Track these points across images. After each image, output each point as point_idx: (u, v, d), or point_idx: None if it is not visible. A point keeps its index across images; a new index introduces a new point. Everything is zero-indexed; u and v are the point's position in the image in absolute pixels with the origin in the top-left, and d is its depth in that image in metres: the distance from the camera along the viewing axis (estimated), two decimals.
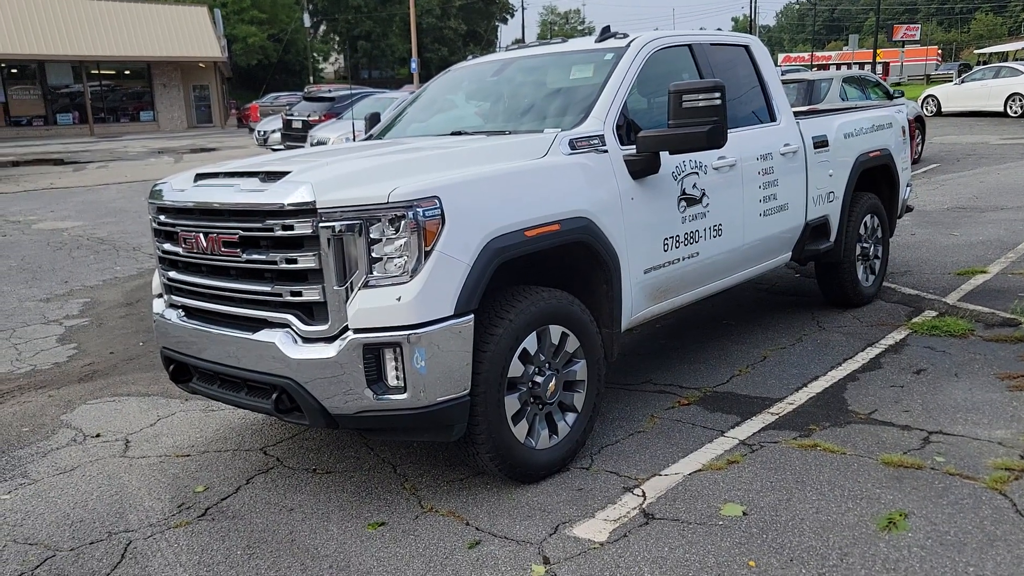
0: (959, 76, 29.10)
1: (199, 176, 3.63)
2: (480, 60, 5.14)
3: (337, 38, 75.29)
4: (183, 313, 3.68)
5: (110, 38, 36.67)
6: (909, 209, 6.91)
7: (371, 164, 3.40)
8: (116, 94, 40.28)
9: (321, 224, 3.04)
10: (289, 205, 3.08)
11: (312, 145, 16.08)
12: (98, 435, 4.39)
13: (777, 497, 3.34)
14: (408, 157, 3.55)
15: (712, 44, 4.85)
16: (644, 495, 3.42)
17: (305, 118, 19.62)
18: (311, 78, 60.29)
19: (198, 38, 38.98)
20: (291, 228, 3.10)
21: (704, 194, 4.36)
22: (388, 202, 3.01)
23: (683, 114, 3.79)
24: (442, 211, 3.08)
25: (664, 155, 4.02)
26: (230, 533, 3.29)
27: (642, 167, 3.93)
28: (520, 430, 3.47)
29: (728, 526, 3.14)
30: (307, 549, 3.14)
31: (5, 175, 19.28)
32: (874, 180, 6.27)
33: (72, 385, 5.24)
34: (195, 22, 39.80)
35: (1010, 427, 3.90)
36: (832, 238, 5.67)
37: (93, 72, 38.24)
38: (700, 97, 3.78)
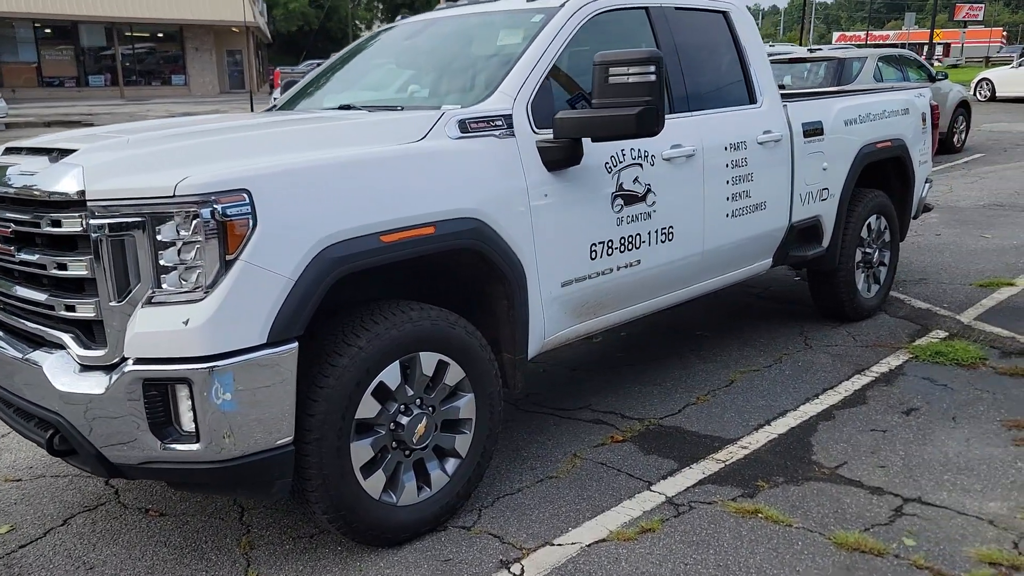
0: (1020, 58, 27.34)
1: (7, 150, 2.96)
2: (406, 21, 4.38)
3: (381, 6, 74.53)
4: None
5: (144, 0, 36.35)
6: (927, 208, 6.02)
7: (181, 144, 2.69)
8: (153, 56, 40.10)
9: (91, 220, 2.35)
10: (54, 194, 2.40)
11: None
12: None
13: None
14: (238, 136, 2.83)
15: (679, 8, 4.03)
16: (522, 574, 2.71)
17: None
18: None
19: (232, 2, 38.45)
20: (59, 224, 2.42)
21: (649, 190, 3.58)
22: (175, 195, 2.31)
23: (609, 92, 3.02)
24: (253, 208, 2.37)
25: (598, 143, 3.25)
26: None
27: (559, 156, 3.17)
28: (374, 483, 2.77)
29: None
30: None
31: (8, 136, 18.97)
32: (883, 174, 5.40)
33: None
34: None
35: (1008, 498, 3.10)
36: (825, 242, 4.84)
37: (126, 34, 38.03)
38: (631, 71, 2.99)
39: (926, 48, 38.49)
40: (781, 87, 11.17)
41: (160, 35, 39.57)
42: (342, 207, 2.56)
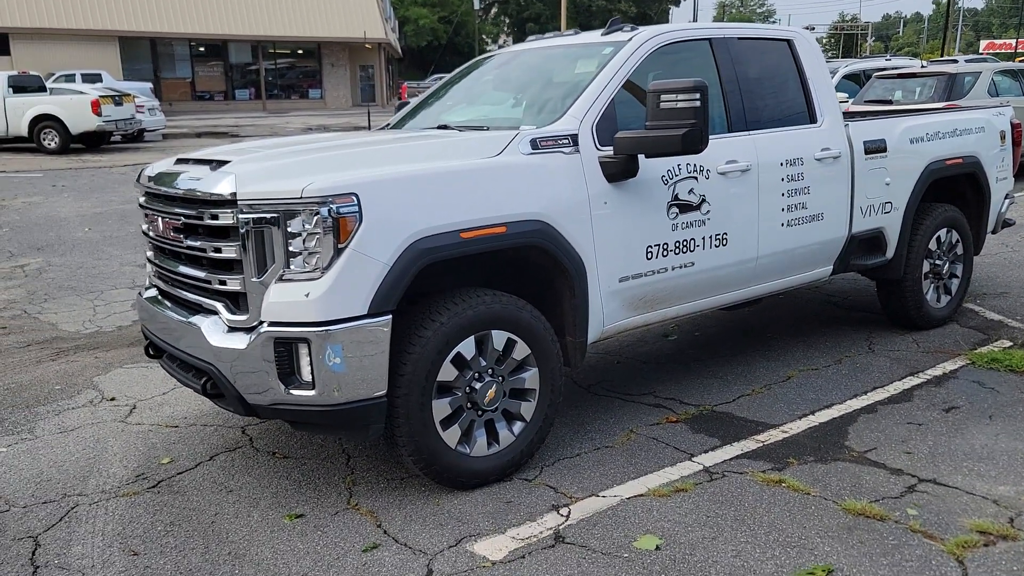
0: None
1: (178, 161, 3.78)
2: (501, 51, 5.03)
3: (507, 20, 76.29)
4: (157, 293, 3.86)
5: (285, 19, 38.99)
6: (1008, 223, 6.15)
7: (309, 157, 3.42)
8: (293, 72, 42.89)
9: (240, 215, 3.09)
10: (213, 195, 3.15)
11: None
12: (113, 399, 4.70)
13: (703, 534, 3.09)
14: (352, 151, 3.53)
15: (741, 39, 4.49)
16: (568, 515, 3.27)
17: None
18: None
19: (365, 20, 40.65)
20: (216, 218, 3.17)
21: (704, 200, 4.07)
22: (301, 197, 3.02)
23: (660, 115, 3.54)
24: (360, 208, 3.05)
25: (655, 159, 3.78)
26: (164, 508, 3.43)
27: (617, 170, 3.71)
28: (451, 435, 3.39)
29: (632, 560, 2.94)
30: (220, 533, 3.23)
31: (167, 146, 20.97)
32: (956, 190, 5.63)
33: (121, 349, 5.64)
34: (363, 4, 41.54)
35: (1018, 484, 3.41)
36: (889, 253, 5.14)
37: (269, 51, 40.86)
38: (679, 98, 3.51)
39: None
40: (888, 102, 11.23)
41: (300, 51, 42.25)
42: (430, 209, 3.21)
